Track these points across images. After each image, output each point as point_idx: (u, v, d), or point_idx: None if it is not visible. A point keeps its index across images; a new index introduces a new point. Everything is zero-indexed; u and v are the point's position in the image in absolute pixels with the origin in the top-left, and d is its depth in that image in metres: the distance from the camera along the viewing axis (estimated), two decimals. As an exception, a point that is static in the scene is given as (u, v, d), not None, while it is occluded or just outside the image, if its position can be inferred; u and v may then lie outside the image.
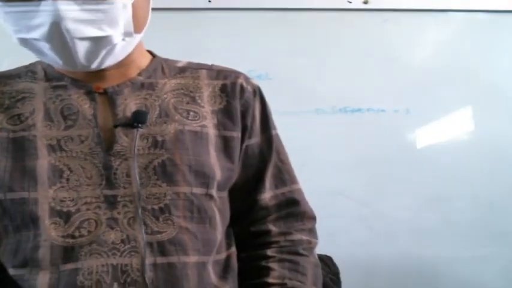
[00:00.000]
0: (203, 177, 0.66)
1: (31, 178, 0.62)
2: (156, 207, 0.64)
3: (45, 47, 0.60)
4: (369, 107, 1.39)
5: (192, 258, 0.64)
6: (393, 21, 1.38)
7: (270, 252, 0.71)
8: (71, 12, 0.57)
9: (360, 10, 1.37)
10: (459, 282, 1.35)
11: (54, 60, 0.62)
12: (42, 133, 0.65)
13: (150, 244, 0.62)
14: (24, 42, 0.61)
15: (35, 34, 0.58)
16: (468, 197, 1.36)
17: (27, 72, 0.71)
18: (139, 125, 0.66)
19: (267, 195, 0.73)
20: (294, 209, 0.74)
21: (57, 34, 0.58)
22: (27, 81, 0.70)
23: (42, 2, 0.57)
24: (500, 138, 1.37)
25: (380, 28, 1.38)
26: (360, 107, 1.37)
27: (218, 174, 0.68)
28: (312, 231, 0.75)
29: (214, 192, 0.68)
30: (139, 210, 0.63)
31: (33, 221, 0.61)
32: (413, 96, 1.36)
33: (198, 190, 0.66)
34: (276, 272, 0.70)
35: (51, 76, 0.69)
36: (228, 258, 0.70)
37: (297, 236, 0.72)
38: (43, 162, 0.63)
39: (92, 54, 0.62)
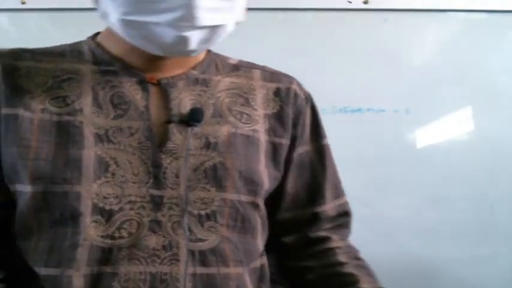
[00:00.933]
0: (252, 184, 0.63)
1: (75, 169, 0.56)
2: (202, 212, 0.59)
3: (160, 31, 0.55)
4: (369, 107, 1.38)
5: (232, 270, 0.60)
6: (393, 21, 1.38)
7: (342, 258, 0.68)
8: (204, 0, 0.54)
9: (360, 10, 1.37)
10: (459, 282, 1.35)
11: (157, 43, 0.57)
12: (90, 120, 0.59)
13: (191, 252, 0.58)
14: (130, 24, 0.56)
15: (157, 18, 0.54)
16: (468, 197, 1.36)
17: (72, 51, 0.65)
18: (195, 124, 0.61)
19: (328, 206, 0.70)
20: (345, 220, 0.73)
21: (185, 22, 0.54)
22: (73, 62, 0.64)
23: None
24: (501, 138, 1.37)
25: (380, 28, 1.38)
26: (360, 107, 1.36)
27: (266, 182, 0.65)
28: None
29: (260, 201, 0.64)
30: (186, 215, 0.58)
31: (73, 217, 0.56)
32: (413, 96, 1.36)
33: (245, 198, 0.62)
34: (363, 277, 0.67)
35: (99, 59, 0.64)
36: (262, 267, 0.66)
37: (349, 242, 0.72)
38: (89, 152, 0.57)
39: (203, 42, 0.58)
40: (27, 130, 0.58)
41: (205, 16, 0.54)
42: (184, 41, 0.56)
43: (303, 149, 0.71)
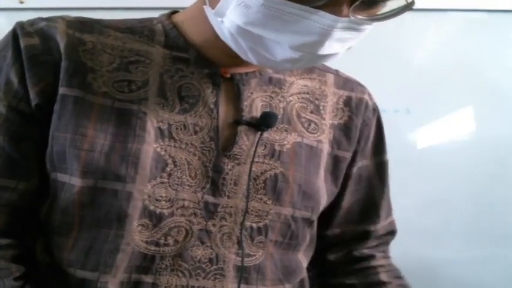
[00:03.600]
0: (309, 200, 0.58)
1: (132, 166, 0.51)
2: (254, 225, 0.55)
3: (275, 49, 0.49)
4: None
5: None
6: (394, 21, 1.37)
7: (383, 277, 0.66)
8: (339, 31, 0.47)
9: (360, 10, 1.36)
10: (459, 283, 1.34)
11: (260, 57, 0.51)
12: (154, 112, 0.53)
13: (237, 268, 0.54)
14: (246, 34, 0.48)
15: (282, 38, 0.47)
16: (469, 197, 1.35)
17: (142, 29, 0.58)
18: (265, 129, 0.56)
19: (380, 225, 0.67)
20: (390, 238, 0.70)
21: (309, 48, 0.48)
22: (143, 42, 0.57)
23: (325, 14, 0.45)
24: (502, 139, 1.36)
25: (380, 28, 1.37)
26: (360, 107, 1.36)
27: (324, 198, 0.60)
28: None
29: (315, 217, 0.60)
30: (238, 228, 0.54)
31: (119, 218, 0.51)
32: (414, 96, 1.35)
33: (300, 214, 0.58)
34: None
35: (172, 43, 0.57)
36: (302, 282, 0.62)
37: (391, 261, 0.69)
38: (149, 148, 0.52)
39: (310, 64, 0.54)
40: (85, 116, 0.52)
41: (330, 45, 0.49)
42: (293, 63, 0.51)
43: (363, 163, 0.66)
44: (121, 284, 0.51)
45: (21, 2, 1.28)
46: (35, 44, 0.54)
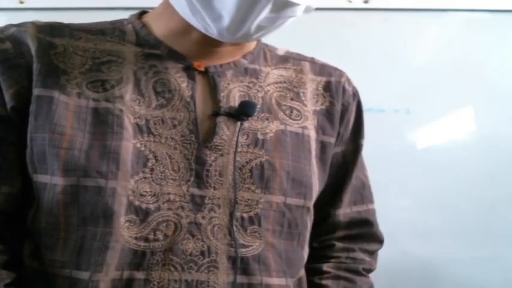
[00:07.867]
0: (300, 186, 0.58)
1: (113, 162, 0.51)
2: (245, 215, 0.55)
3: (227, 4, 0.49)
4: (369, 107, 1.35)
5: (276, 281, 0.55)
6: (394, 21, 1.37)
7: (326, 267, 0.64)
8: None
9: (361, 10, 1.36)
10: (459, 283, 1.34)
11: (212, 19, 0.51)
12: (130, 109, 0.54)
13: (232, 259, 0.53)
14: None
15: None
16: (469, 197, 1.35)
17: (113, 30, 0.60)
18: (245, 118, 0.56)
19: (342, 211, 0.65)
20: (365, 230, 0.67)
21: None
22: (114, 42, 0.58)
23: None
24: (502, 139, 1.36)
25: (380, 28, 1.37)
26: (360, 107, 1.36)
27: (316, 184, 0.60)
28: (375, 255, 0.68)
29: (311, 204, 0.59)
30: (228, 218, 0.54)
31: (105, 215, 0.51)
32: (413, 96, 1.35)
33: (293, 201, 0.57)
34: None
35: (143, 41, 0.58)
36: (300, 280, 0.62)
37: (360, 255, 0.66)
38: (128, 144, 0.52)
39: (267, 21, 0.53)
40: (62, 116, 0.52)
41: None
42: (244, 18, 0.50)
43: (341, 147, 0.66)
44: (113, 281, 0.51)
45: (21, 2, 1.28)
46: (7, 48, 0.55)
